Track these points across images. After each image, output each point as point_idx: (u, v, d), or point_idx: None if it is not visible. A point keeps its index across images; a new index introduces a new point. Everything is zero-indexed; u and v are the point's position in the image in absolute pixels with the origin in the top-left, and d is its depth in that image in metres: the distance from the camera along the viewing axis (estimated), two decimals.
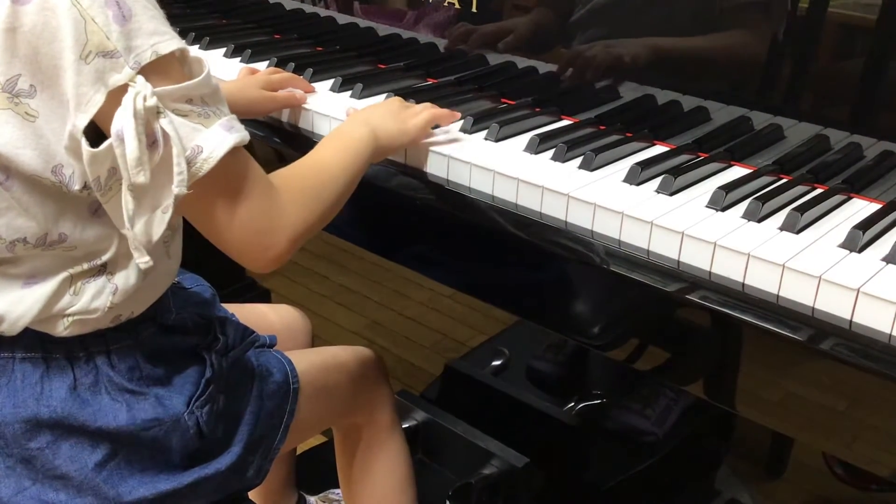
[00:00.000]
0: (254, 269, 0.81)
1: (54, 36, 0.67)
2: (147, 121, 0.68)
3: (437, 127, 1.06)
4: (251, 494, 0.98)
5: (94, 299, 0.77)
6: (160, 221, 0.72)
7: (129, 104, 0.67)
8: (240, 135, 0.74)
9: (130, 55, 0.68)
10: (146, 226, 0.72)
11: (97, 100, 0.68)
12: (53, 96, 0.69)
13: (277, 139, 1.15)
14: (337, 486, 1.24)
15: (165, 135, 0.69)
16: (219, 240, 0.77)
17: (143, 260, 0.73)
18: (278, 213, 0.78)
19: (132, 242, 0.72)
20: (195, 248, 0.86)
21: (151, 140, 0.69)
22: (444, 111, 1.06)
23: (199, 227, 0.78)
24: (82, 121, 0.69)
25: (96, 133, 0.70)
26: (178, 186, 0.70)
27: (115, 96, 0.68)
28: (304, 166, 0.87)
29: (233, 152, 0.73)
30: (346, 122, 1.00)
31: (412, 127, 1.01)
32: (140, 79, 0.68)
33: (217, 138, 0.72)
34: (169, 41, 0.70)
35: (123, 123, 0.68)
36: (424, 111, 1.04)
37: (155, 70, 0.69)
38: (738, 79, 1.03)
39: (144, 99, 0.68)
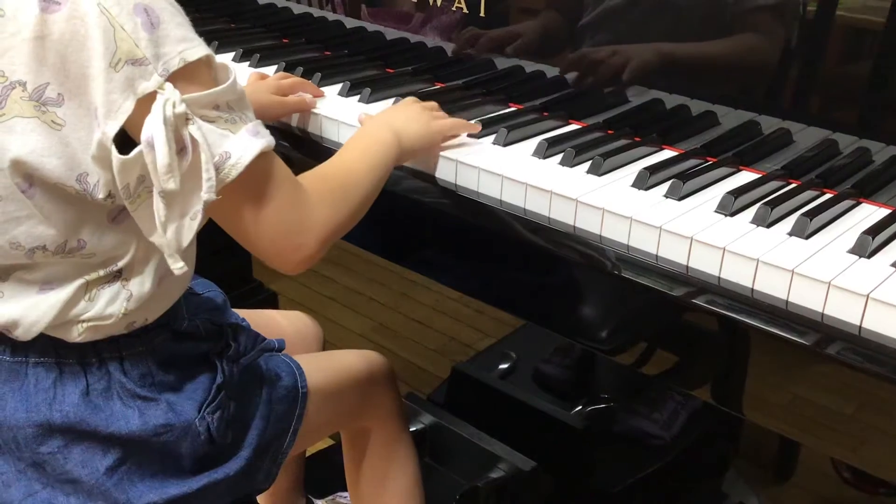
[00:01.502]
0: (284, 271, 0.81)
1: (83, 44, 0.67)
2: (176, 127, 0.68)
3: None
4: (259, 498, 0.98)
5: (109, 305, 0.78)
6: (189, 228, 0.72)
7: (159, 111, 0.68)
8: (266, 140, 0.74)
9: (159, 62, 0.69)
10: (176, 233, 0.72)
11: (126, 107, 0.69)
12: (81, 105, 0.70)
13: (286, 143, 1.15)
14: (344, 489, 1.24)
15: (194, 141, 0.69)
16: (249, 242, 0.78)
17: (177, 266, 0.73)
18: (307, 214, 0.79)
19: (166, 249, 0.72)
20: (200, 250, 0.86)
21: (180, 146, 0.69)
22: (465, 122, 1.05)
23: (228, 230, 0.78)
24: (112, 128, 0.69)
25: (122, 142, 0.70)
26: (206, 192, 0.70)
27: (144, 104, 0.68)
28: (331, 168, 0.88)
29: (260, 157, 0.73)
30: (370, 124, 0.99)
31: (435, 131, 1.00)
32: (168, 86, 0.69)
33: (244, 144, 0.72)
34: (196, 48, 0.71)
35: (153, 130, 0.68)
36: (445, 117, 1.03)
37: (183, 77, 0.70)
38: (746, 83, 1.03)
39: (174, 106, 0.68)
